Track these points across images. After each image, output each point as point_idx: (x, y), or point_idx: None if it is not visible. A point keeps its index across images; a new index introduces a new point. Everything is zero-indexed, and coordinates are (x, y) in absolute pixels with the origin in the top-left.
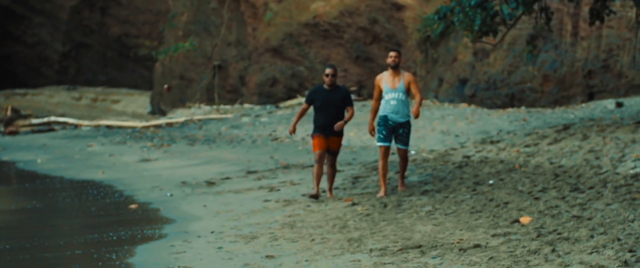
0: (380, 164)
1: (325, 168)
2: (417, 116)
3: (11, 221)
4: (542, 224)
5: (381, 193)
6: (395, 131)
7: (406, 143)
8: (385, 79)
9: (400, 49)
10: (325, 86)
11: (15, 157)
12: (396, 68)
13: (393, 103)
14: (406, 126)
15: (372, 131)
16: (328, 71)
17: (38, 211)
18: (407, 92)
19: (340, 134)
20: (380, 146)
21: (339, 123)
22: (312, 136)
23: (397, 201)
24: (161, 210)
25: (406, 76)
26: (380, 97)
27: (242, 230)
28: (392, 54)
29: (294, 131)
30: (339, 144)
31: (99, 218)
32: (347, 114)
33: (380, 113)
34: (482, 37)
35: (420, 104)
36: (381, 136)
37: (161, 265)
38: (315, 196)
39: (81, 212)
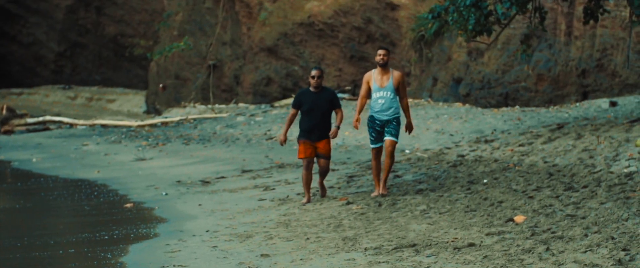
0: (373, 164)
1: (316, 168)
2: (410, 131)
3: (2, 221)
4: (536, 223)
5: (376, 193)
6: (384, 127)
7: (395, 134)
8: (374, 77)
9: (394, 48)
10: (311, 88)
11: (11, 156)
12: (385, 66)
13: (381, 101)
14: (394, 120)
15: (356, 123)
16: (314, 72)
17: (31, 211)
18: (396, 90)
19: (326, 136)
20: (372, 148)
21: (334, 130)
22: (299, 141)
23: (392, 200)
24: (156, 209)
25: (395, 75)
26: (367, 94)
27: (237, 229)
28: (380, 52)
29: (285, 140)
30: (329, 147)
31: (93, 217)
32: (337, 118)
33: (369, 112)
34: (476, 36)
35: (408, 112)
36: (371, 138)
37: (156, 264)
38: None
39: (76, 211)
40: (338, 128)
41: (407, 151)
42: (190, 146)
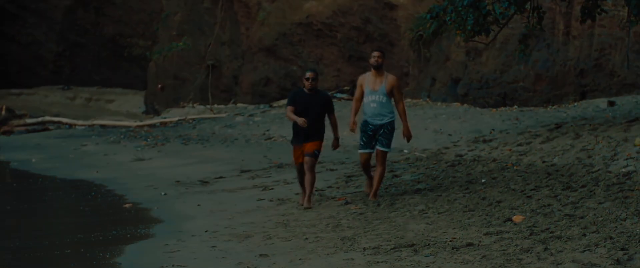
0: (362, 168)
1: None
2: (409, 139)
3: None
4: (535, 222)
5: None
6: (376, 133)
7: (386, 144)
8: (367, 80)
9: (393, 48)
10: (305, 90)
11: (10, 157)
12: (379, 69)
13: (373, 105)
14: (387, 126)
15: (353, 125)
16: (308, 74)
17: (29, 211)
18: (390, 95)
19: (318, 138)
20: (360, 153)
21: (335, 143)
22: (292, 145)
23: (390, 200)
24: (155, 209)
25: (389, 79)
26: (361, 97)
27: (236, 228)
28: (375, 54)
29: (305, 122)
30: (315, 146)
31: (92, 217)
32: (333, 128)
33: (363, 116)
34: (474, 36)
35: (405, 116)
36: (361, 142)
37: (155, 264)
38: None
39: (74, 212)
40: (337, 139)
41: (405, 151)
42: (189, 147)
